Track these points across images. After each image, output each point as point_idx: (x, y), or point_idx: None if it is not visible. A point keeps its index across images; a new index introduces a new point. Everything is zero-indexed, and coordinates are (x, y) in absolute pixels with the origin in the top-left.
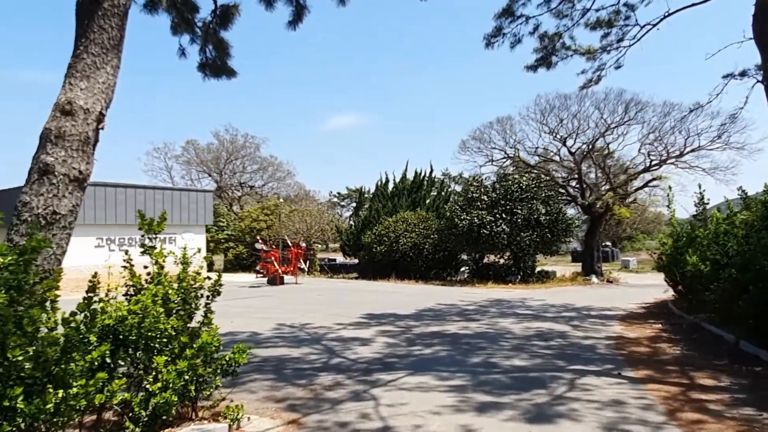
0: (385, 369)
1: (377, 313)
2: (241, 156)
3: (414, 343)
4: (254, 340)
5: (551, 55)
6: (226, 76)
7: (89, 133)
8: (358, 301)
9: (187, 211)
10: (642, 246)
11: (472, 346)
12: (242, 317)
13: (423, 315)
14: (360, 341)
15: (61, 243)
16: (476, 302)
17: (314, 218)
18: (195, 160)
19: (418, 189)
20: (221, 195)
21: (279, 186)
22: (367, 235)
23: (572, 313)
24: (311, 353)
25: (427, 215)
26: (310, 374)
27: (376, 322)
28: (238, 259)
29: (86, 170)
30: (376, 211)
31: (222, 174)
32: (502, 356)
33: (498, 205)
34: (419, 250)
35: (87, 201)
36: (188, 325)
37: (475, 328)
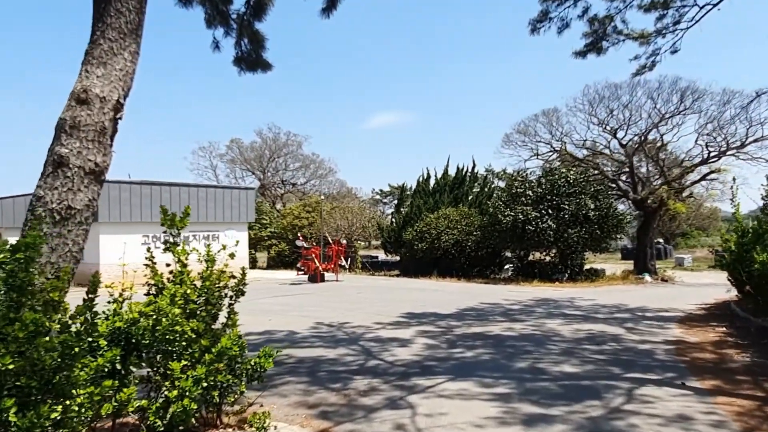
0: (423, 373)
1: (417, 312)
2: (283, 154)
3: (455, 344)
4: (291, 340)
5: (601, 39)
6: (262, 69)
7: (105, 123)
8: (399, 299)
9: (230, 208)
10: (697, 243)
11: (517, 350)
12: (280, 315)
13: (465, 315)
14: (398, 342)
15: (77, 239)
16: (521, 301)
17: (355, 215)
18: (239, 158)
19: (460, 185)
20: (264, 193)
21: (321, 183)
22: (408, 232)
23: (625, 314)
24: (348, 354)
25: (470, 211)
26: (345, 377)
27: (416, 321)
28: (281, 256)
29: (103, 162)
30: (417, 207)
31: (265, 172)
32: (550, 361)
33: (544, 200)
34: (461, 247)
35: (133, 199)
36: (212, 327)
37: (521, 329)
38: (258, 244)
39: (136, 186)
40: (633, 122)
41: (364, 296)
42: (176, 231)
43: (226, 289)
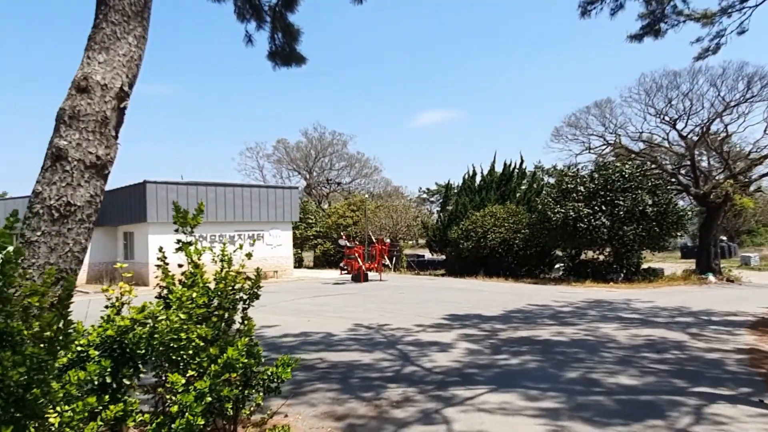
0: (463, 382)
1: (461, 313)
2: (328, 153)
3: (499, 350)
4: (326, 342)
5: (659, 21)
6: (296, 63)
7: (107, 113)
8: (442, 299)
9: (274, 208)
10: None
11: (567, 357)
12: (320, 316)
13: (511, 317)
14: (438, 346)
15: (78, 239)
16: (572, 303)
17: (400, 214)
18: (285, 158)
19: (507, 181)
20: (310, 192)
21: (366, 182)
22: (453, 231)
23: (689, 318)
24: (384, 359)
25: (517, 209)
26: (378, 385)
27: (459, 324)
28: (326, 255)
29: (105, 155)
30: (462, 205)
31: (311, 172)
32: (604, 371)
33: (597, 196)
34: (509, 246)
35: (180, 200)
36: (227, 333)
37: (572, 334)
38: (304, 244)
39: (182, 186)
40: (694, 112)
41: (406, 296)
42: (189, 229)
43: (240, 292)
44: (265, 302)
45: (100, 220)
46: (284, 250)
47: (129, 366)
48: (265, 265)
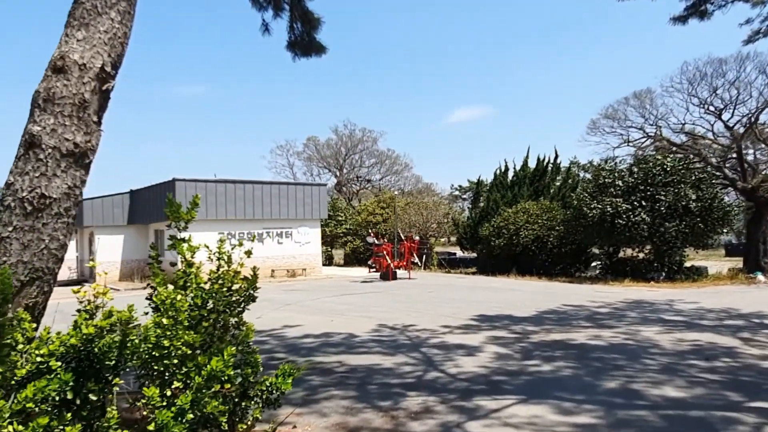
0: (489, 391)
1: (491, 314)
2: (358, 150)
3: (530, 355)
4: (348, 344)
5: (705, 2)
6: (316, 53)
7: (86, 95)
8: (471, 299)
9: (303, 205)
10: None
11: (605, 364)
12: (344, 316)
13: (544, 318)
14: (465, 350)
15: (55, 234)
16: (610, 304)
17: (430, 211)
18: (315, 156)
19: (540, 177)
20: (341, 190)
21: (397, 179)
22: (484, 228)
23: (739, 321)
24: (406, 363)
25: (552, 205)
26: (397, 393)
27: (488, 325)
28: (356, 253)
29: (85, 142)
30: (494, 201)
31: (341, 169)
32: (647, 381)
33: (636, 190)
34: (542, 243)
35: (209, 197)
36: (224, 339)
37: (610, 338)
38: (334, 241)
39: (211, 184)
40: (741, 102)
41: (435, 295)
42: (183, 224)
43: (236, 294)
44: (291, 301)
45: (132, 218)
46: (313, 248)
47: (96, 379)
48: (293, 263)
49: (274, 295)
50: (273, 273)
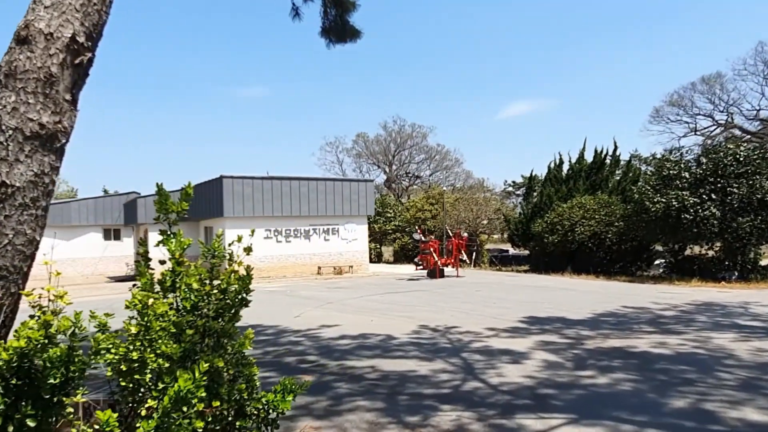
0: (534, 407)
1: (542, 315)
2: (408, 146)
3: (584, 364)
4: (384, 347)
5: None
6: (350, 38)
7: (53, 69)
8: (521, 299)
9: (349, 201)
10: None
11: (672, 377)
12: (385, 315)
13: (601, 321)
14: (510, 356)
15: (21, 228)
16: (676, 306)
17: (481, 207)
18: (365, 152)
19: (598, 170)
20: (390, 186)
21: (447, 175)
22: (537, 224)
23: None
24: (443, 371)
25: (610, 199)
26: (429, 406)
27: (538, 328)
28: (404, 249)
29: (53, 123)
30: (547, 196)
31: (391, 165)
32: (723, 400)
33: (705, 183)
34: (600, 240)
35: (255, 194)
36: (221, 347)
37: (676, 345)
38: (383, 238)
39: (258, 181)
40: None
41: (483, 295)
42: (173, 216)
43: (229, 296)
44: (333, 299)
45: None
46: (359, 245)
47: (35, 401)
48: (340, 260)
49: (317, 293)
50: (319, 270)
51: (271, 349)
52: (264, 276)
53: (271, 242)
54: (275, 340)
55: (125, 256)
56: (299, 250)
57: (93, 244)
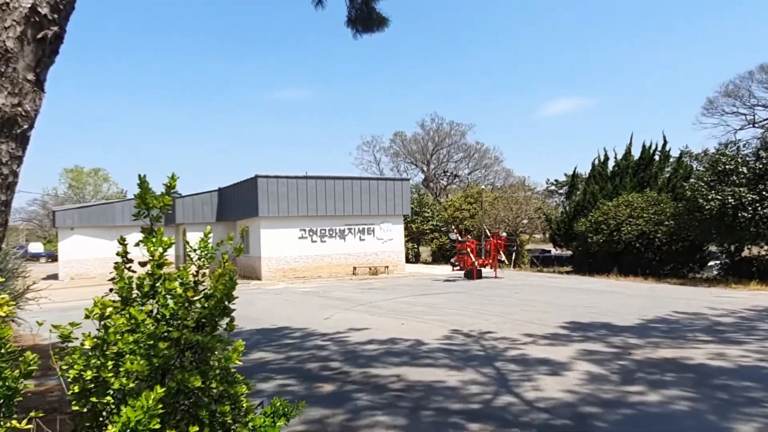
0: (575, 428)
1: (584, 321)
2: (446, 145)
3: (632, 378)
4: (412, 354)
5: None
6: (377, 27)
7: (8, 44)
8: (563, 302)
9: (385, 200)
10: None
11: (734, 395)
12: (417, 318)
13: (651, 329)
14: (549, 367)
15: None
16: (734, 312)
17: (521, 206)
18: (402, 151)
19: (646, 166)
20: (428, 185)
21: (486, 173)
22: (580, 223)
23: None
24: (474, 382)
25: (660, 197)
26: (455, 424)
27: (580, 335)
28: (442, 249)
29: (11, 105)
30: (591, 194)
31: (429, 164)
32: None
33: (764, 178)
34: (649, 240)
35: (290, 194)
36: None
37: (737, 357)
38: (421, 238)
39: (293, 180)
40: None
41: (521, 297)
42: (156, 212)
43: (210, 304)
44: (365, 300)
45: (219, 215)
46: (395, 245)
47: None
48: (375, 260)
49: (350, 294)
50: (355, 270)
51: (295, 353)
52: (299, 276)
53: (306, 242)
54: (300, 344)
55: (169, 255)
56: (334, 250)
57: None
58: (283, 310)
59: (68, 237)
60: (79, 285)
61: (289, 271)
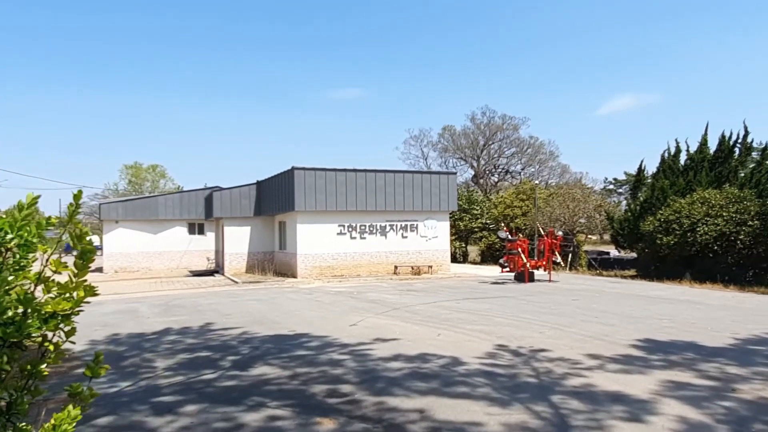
0: None
1: (662, 339)
2: (497, 139)
3: (748, 427)
4: (445, 377)
5: None
6: None
7: None
8: (631, 313)
9: (429, 196)
10: None
11: None
12: (456, 328)
13: (751, 352)
14: (625, 407)
15: None
16: None
17: (578, 203)
18: (451, 146)
19: (725, 159)
20: (477, 182)
21: (540, 169)
22: (647, 222)
23: None
24: (523, 427)
25: (743, 193)
26: None
27: (661, 359)
28: (491, 249)
29: None
30: (660, 190)
31: (479, 160)
32: None
33: None
34: (729, 242)
35: (328, 187)
36: None
37: None
38: (469, 237)
39: (331, 173)
40: None
41: (580, 306)
42: None
43: None
44: (401, 304)
45: (258, 210)
46: (440, 243)
47: None
48: (418, 259)
49: (386, 295)
50: (396, 270)
51: (303, 370)
52: (336, 275)
53: (344, 238)
54: (314, 358)
55: (207, 251)
56: (375, 247)
57: (179, 238)
58: (308, 312)
59: (113, 230)
60: (119, 279)
61: (326, 269)
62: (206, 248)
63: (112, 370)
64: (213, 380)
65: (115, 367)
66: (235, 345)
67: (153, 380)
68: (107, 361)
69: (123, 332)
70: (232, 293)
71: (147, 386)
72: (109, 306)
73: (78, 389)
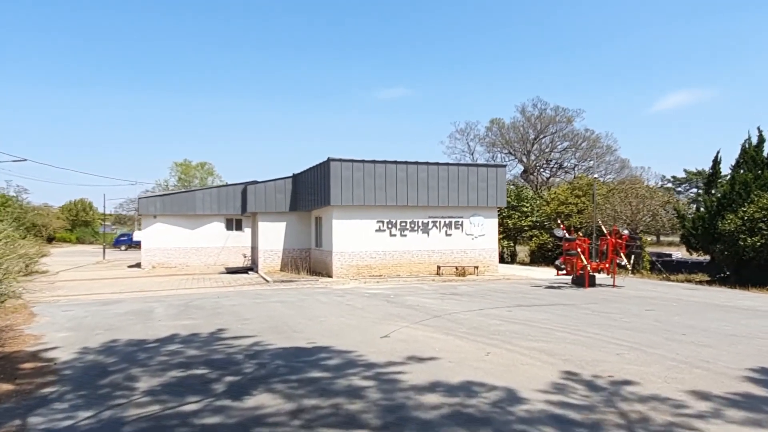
0: None
1: None
2: (550, 132)
3: None
4: (499, 422)
5: None
6: None
7: None
8: (727, 330)
9: (476, 190)
10: None
11: None
12: (509, 344)
13: None
14: None
15: None
16: None
17: (642, 200)
18: (500, 140)
19: None
20: (527, 178)
21: (597, 164)
22: (727, 221)
23: None
24: None
25: None
26: None
27: None
28: (542, 249)
29: None
30: (742, 184)
31: (529, 154)
32: None
33: None
34: None
35: (366, 180)
36: None
37: None
38: (518, 236)
39: (369, 165)
40: None
41: (657, 318)
42: None
43: None
44: (442, 311)
45: (293, 204)
46: (487, 242)
47: None
48: (463, 258)
49: (426, 299)
50: (439, 270)
51: (311, 403)
52: (375, 275)
53: (383, 236)
54: (329, 383)
55: (244, 247)
56: (416, 245)
57: (216, 234)
58: (336, 319)
59: (151, 225)
60: (154, 275)
61: (364, 269)
62: (243, 244)
63: (83, 391)
64: (193, 414)
65: (90, 387)
66: (240, 360)
67: (121, 410)
68: (88, 377)
69: (123, 338)
70: (258, 294)
71: (109, 419)
72: (124, 305)
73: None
